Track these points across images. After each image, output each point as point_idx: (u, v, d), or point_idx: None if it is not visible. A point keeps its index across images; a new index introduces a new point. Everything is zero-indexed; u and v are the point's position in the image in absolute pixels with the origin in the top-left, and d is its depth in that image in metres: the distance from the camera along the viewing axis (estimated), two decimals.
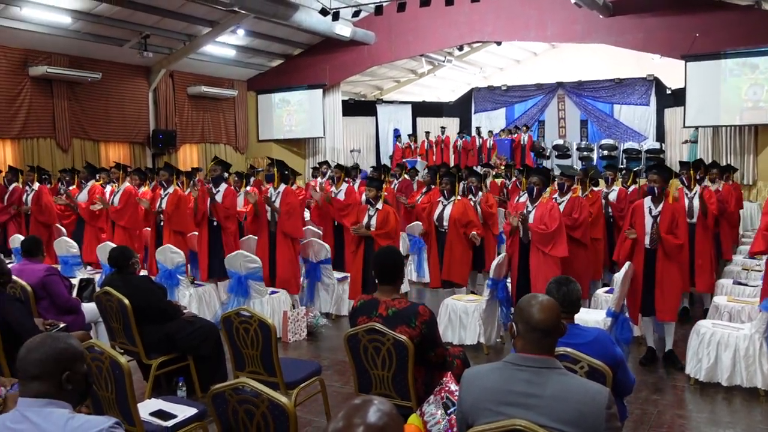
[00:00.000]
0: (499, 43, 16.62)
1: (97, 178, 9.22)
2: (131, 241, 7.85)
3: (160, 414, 3.43)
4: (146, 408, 3.48)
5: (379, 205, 6.60)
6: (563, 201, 6.40)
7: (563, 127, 19.17)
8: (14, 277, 4.71)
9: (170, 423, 3.35)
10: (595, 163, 16.36)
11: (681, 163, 8.14)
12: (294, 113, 17.64)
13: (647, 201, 5.43)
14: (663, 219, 5.24)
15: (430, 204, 7.07)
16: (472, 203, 7.17)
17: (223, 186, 7.38)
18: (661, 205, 5.32)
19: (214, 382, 4.64)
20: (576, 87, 18.84)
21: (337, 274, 7.32)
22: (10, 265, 4.66)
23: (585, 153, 17.27)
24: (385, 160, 19.03)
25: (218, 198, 7.21)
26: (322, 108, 17.32)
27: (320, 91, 17.20)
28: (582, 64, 18.34)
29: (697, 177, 7.04)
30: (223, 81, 17.16)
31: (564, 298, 3.04)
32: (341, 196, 7.98)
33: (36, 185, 9.11)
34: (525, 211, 5.82)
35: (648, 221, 5.30)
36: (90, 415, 2.07)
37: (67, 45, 13.01)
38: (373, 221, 6.52)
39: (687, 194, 6.76)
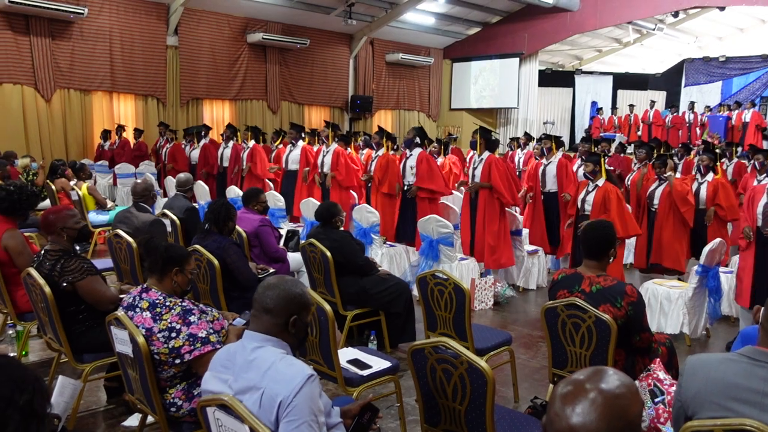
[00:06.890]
0: (722, 9, 14.95)
1: (303, 137, 9.73)
2: (341, 200, 8.24)
3: (357, 363, 3.57)
4: (344, 355, 3.62)
5: (600, 182, 6.14)
6: None
7: None
8: None
9: (366, 372, 3.47)
10: None
11: None
12: (488, 82, 17.41)
13: None
14: None
15: (649, 182, 6.54)
16: (697, 184, 6.52)
17: (417, 150, 7.49)
18: None
19: (403, 339, 4.82)
20: None
21: (528, 247, 7.13)
22: None
23: None
24: (580, 134, 18.15)
25: (411, 162, 7.34)
26: (517, 77, 16.94)
27: (516, 60, 16.80)
28: None
29: None
30: (420, 49, 17.36)
31: None
32: (551, 169, 7.58)
33: (251, 143, 9.91)
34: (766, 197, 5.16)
35: None
36: (296, 359, 2.16)
37: (280, 13, 13.94)
38: (590, 197, 6.11)
39: None
